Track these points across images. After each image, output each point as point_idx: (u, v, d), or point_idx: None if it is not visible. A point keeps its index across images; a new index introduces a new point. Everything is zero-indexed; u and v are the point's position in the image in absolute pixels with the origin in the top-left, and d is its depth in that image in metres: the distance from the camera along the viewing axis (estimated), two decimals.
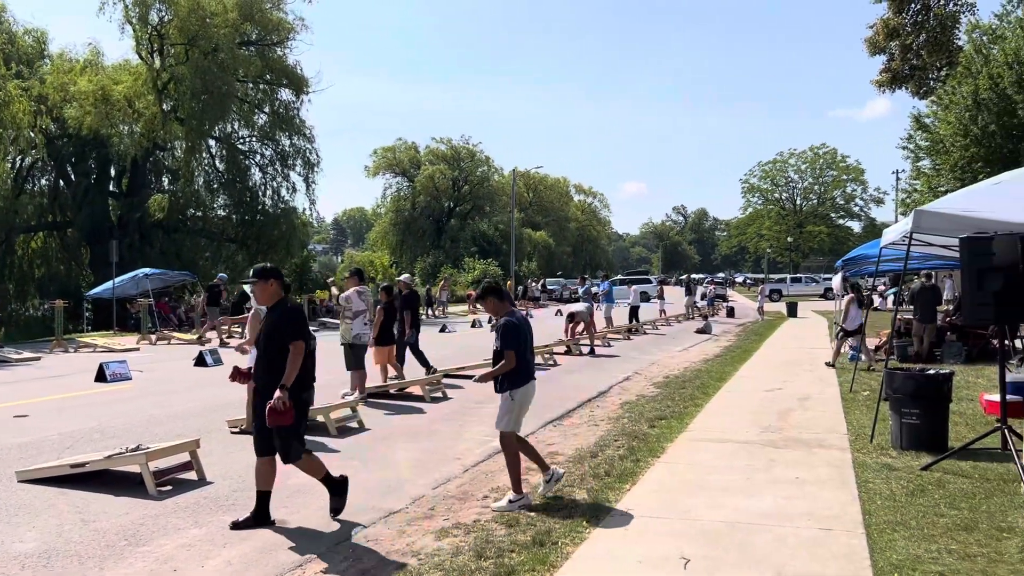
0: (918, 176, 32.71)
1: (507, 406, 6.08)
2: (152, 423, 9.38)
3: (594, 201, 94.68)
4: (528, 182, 74.69)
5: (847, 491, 6.11)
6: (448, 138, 67.24)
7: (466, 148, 66.66)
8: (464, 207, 66.50)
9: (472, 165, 66.60)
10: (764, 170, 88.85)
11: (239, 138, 36.39)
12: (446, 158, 65.93)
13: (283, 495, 6.37)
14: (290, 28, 34.55)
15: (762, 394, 11.24)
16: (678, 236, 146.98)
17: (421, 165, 65.11)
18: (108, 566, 4.83)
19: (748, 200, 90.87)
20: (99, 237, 30.89)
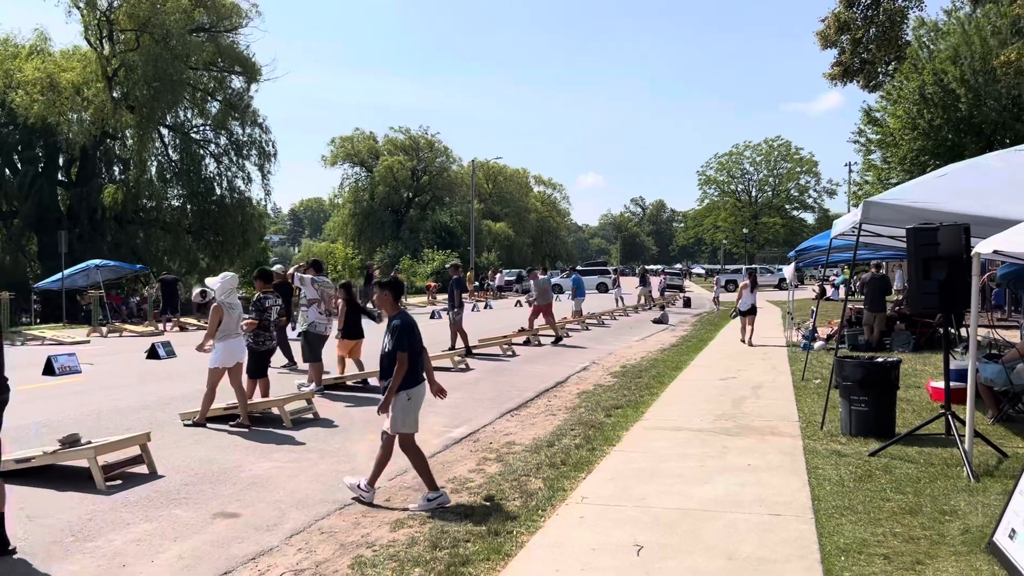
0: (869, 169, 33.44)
1: (404, 407, 5.77)
2: (102, 417, 9.19)
3: (554, 192, 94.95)
4: (487, 173, 74.56)
5: (797, 477, 6.23)
6: (407, 128, 66.95)
7: (425, 138, 66.38)
8: (423, 198, 66.23)
9: (431, 155, 66.33)
10: (720, 162, 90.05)
11: (192, 127, 35.80)
12: (405, 148, 65.55)
13: (237, 488, 6.31)
14: (243, 14, 34.12)
15: (716, 383, 11.40)
16: (636, 227, 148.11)
17: (380, 155, 64.66)
18: (55, 563, 4.73)
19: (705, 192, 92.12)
20: (47, 227, 30.14)
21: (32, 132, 30.84)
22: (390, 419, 5.80)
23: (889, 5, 16.38)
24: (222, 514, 5.66)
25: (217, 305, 8.71)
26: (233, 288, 9.05)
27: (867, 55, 16.87)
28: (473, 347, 15.81)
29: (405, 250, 57.72)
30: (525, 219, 78.55)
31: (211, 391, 8.68)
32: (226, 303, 8.75)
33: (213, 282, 9.04)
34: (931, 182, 8.39)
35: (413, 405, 5.87)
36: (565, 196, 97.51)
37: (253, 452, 7.54)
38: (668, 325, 23.43)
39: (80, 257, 27.23)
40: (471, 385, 11.90)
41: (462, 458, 7.30)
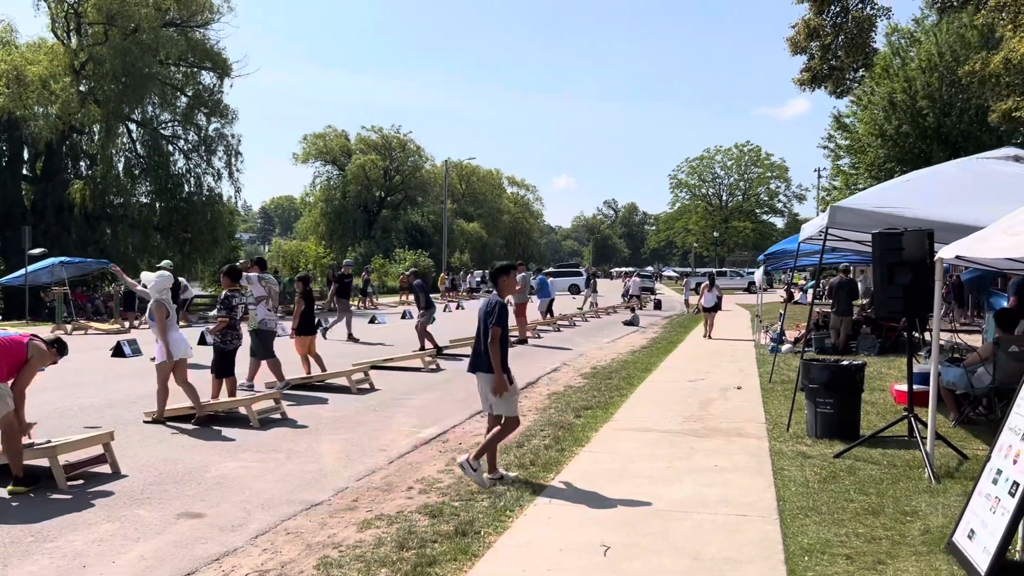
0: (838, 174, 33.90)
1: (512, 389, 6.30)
2: (64, 415, 9.03)
3: (527, 194, 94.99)
4: (461, 173, 74.39)
5: (763, 478, 6.29)
6: (379, 127, 66.57)
7: (397, 137, 66.05)
8: (396, 197, 65.92)
9: (404, 155, 66.03)
10: (691, 166, 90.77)
11: (160, 122, 35.32)
12: (377, 147, 65.18)
13: (202, 488, 6.24)
14: (215, 10, 33.72)
15: (685, 384, 11.48)
16: (609, 230, 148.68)
17: (352, 154, 64.22)
18: (12, 563, 4.64)
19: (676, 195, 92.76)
20: (11, 223, 29.56)
21: None
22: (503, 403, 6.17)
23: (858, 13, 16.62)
24: (186, 514, 5.58)
25: (160, 302, 8.71)
26: (167, 286, 9.04)
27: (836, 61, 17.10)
28: (444, 347, 15.78)
29: (377, 249, 57.39)
30: (498, 220, 78.51)
31: (163, 387, 8.61)
32: (165, 300, 8.76)
33: (148, 278, 9.05)
34: (896, 188, 8.54)
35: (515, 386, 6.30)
36: (538, 198, 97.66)
37: (219, 452, 7.46)
38: (639, 327, 23.55)
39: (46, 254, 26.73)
40: (442, 385, 11.87)
41: (431, 458, 7.28)
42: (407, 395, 10.90)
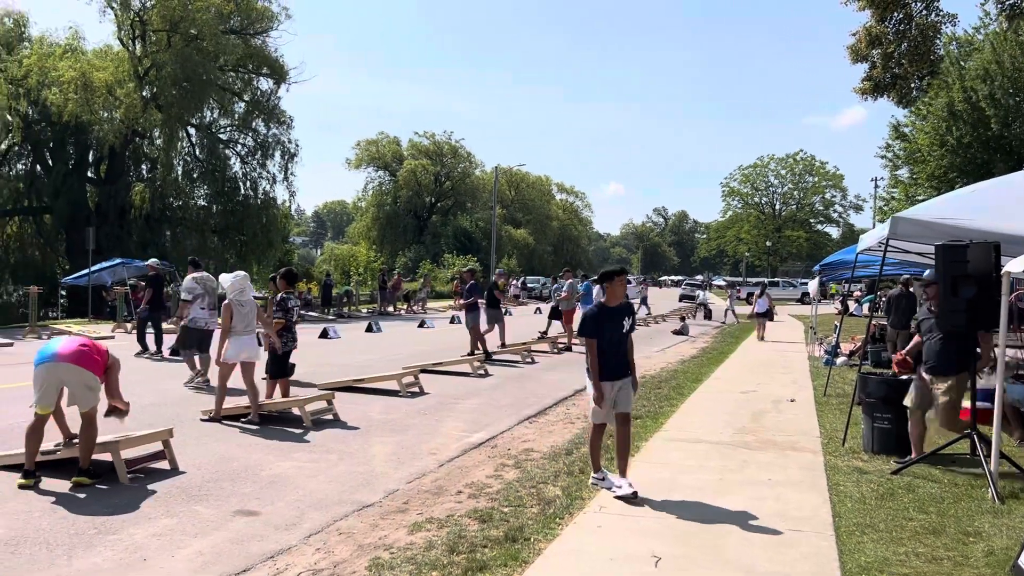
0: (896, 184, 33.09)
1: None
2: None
3: (576, 200, 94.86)
4: (510, 179, 74.65)
5: (818, 493, 6.17)
6: (431, 133, 67.21)
7: (449, 144, 66.61)
8: (446, 203, 66.43)
9: (454, 161, 66.55)
10: (744, 174, 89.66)
11: (219, 127, 36.12)
12: (428, 153, 65.80)
13: (257, 486, 6.35)
14: (273, 17, 34.37)
15: (736, 395, 11.32)
16: (658, 237, 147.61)
17: (403, 159, 64.95)
18: (77, 554, 4.78)
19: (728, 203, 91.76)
20: (76, 224, 30.52)
21: (64, 130, 31.28)
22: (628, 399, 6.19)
23: (922, 20, 16.24)
24: (242, 512, 5.70)
25: (227, 303, 8.88)
26: (244, 287, 9.19)
27: (899, 70, 16.73)
28: (493, 353, 15.83)
29: (426, 254, 57.89)
30: (546, 226, 78.54)
31: (223, 386, 8.79)
32: (236, 301, 8.91)
33: (225, 279, 9.21)
34: (961, 199, 8.31)
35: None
36: (587, 204, 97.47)
37: (273, 451, 7.59)
38: (688, 336, 23.31)
39: (107, 254, 27.57)
40: (490, 391, 11.90)
41: (480, 463, 7.30)
42: (456, 399, 10.96)
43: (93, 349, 6.38)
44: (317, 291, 33.93)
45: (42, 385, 6.17)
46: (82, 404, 6.21)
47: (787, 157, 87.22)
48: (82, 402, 6.21)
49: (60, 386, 6.24)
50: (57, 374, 6.16)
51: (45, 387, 6.18)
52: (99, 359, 6.37)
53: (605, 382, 6.04)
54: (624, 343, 6.16)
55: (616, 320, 6.09)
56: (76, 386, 6.20)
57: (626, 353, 6.19)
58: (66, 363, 6.15)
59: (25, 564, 4.61)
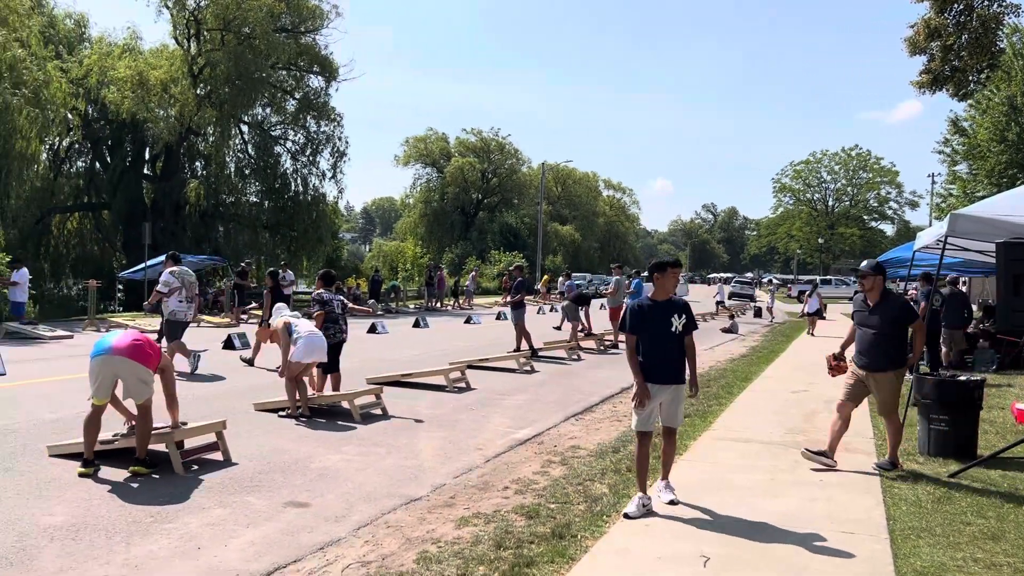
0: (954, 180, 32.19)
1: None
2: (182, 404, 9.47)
3: (623, 197, 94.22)
4: (557, 176, 74.46)
5: (871, 496, 6.04)
6: (478, 129, 67.30)
7: (496, 140, 66.66)
8: (492, 199, 66.52)
9: (501, 157, 66.59)
10: (796, 170, 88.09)
11: (270, 124, 36.69)
12: (476, 150, 65.96)
13: (307, 478, 6.46)
14: (323, 15, 34.75)
15: (787, 395, 11.15)
16: (707, 234, 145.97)
17: (451, 156, 65.20)
18: (135, 541, 4.91)
19: (779, 200, 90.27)
20: (133, 220, 31.34)
21: (122, 128, 32.13)
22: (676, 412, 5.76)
23: (983, 11, 15.75)
24: (292, 503, 5.79)
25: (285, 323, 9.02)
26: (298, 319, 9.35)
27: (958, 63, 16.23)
28: (539, 350, 15.83)
29: (473, 251, 58.07)
30: (593, 223, 78.17)
31: (298, 381, 8.90)
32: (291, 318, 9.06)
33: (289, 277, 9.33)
34: (1022, 196, 8.05)
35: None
36: (635, 201, 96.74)
37: (323, 444, 7.71)
38: (738, 335, 23.02)
39: (163, 249, 28.18)
40: (536, 387, 11.91)
41: (526, 460, 7.31)
42: (502, 395, 10.99)
43: (146, 343, 6.55)
44: (366, 287, 34.33)
45: (98, 377, 6.36)
46: (136, 396, 6.39)
47: (841, 152, 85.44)
48: (136, 394, 6.39)
49: (115, 378, 6.42)
50: (112, 367, 6.34)
51: (101, 379, 6.36)
52: (152, 353, 6.54)
53: (649, 384, 5.55)
54: (672, 344, 5.57)
55: (662, 317, 5.55)
56: (130, 379, 6.38)
57: (677, 357, 5.60)
58: (120, 356, 6.32)
59: (85, 550, 4.75)
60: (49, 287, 31.94)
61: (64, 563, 4.52)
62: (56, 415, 8.56)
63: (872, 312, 6.73)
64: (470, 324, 24.74)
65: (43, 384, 10.83)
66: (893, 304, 6.74)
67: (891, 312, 6.66)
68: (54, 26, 31.77)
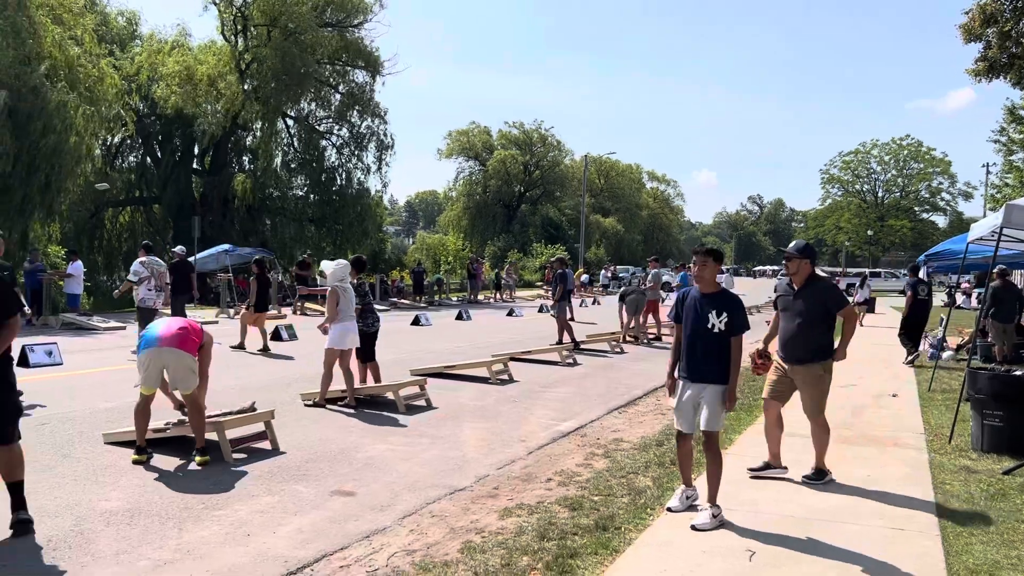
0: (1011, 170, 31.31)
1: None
2: (229, 393, 9.68)
3: (667, 188, 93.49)
4: (600, 168, 74.13)
5: (922, 491, 5.93)
6: (520, 122, 67.22)
7: (538, 132, 66.53)
8: (534, 192, 66.46)
9: (544, 150, 66.44)
10: (845, 161, 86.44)
11: (316, 119, 37.08)
12: (518, 142, 65.93)
13: (353, 468, 6.55)
14: (368, 9, 34.96)
15: (835, 389, 10.86)
16: (753, 226, 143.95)
17: (493, 149, 65.25)
18: (187, 527, 5.04)
19: (828, 191, 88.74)
20: (183, 213, 31.96)
21: (172, 123, 32.79)
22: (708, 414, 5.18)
23: None
24: (339, 492, 5.88)
25: (333, 288, 9.07)
26: (346, 275, 9.38)
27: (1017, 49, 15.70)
28: (581, 342, 15.80)
29: (515, 243, 58.10)
30: (636, 215, 77.69)
31: (328, 372, 9.04)
32: (340, 287, 9.10)
33: (327, 266, 9.41)
34: None
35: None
36: (679, 193, 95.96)
37: (369, 434, 7.80)
38: None
39: (211, 242, 28.77)
40: (579, 380, 11.89)
41: (569, 452, 7.31)
42: (545, 388, 11.00)
43: (191, 330, 6.67)
44: (409, 279, 34.60)
45: (146, 368, 6.46)
46: (183, 386, 6.51)
47: (891, 142, 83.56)
48: (183, 384, 6.51)
49: (162, 368, 6.51)
50: (160, 358, 6.45)
51: (149, 370, 6.46)
52: (196, 340, 6.66)
53: (679, 378, 5.33)
54: (705, 340, 5.19)
55: (700, 311, 5.22)
56: (177, 369, 6.49)
57: (715, 355, 5.16)
58: (168, 347, 6.44)
59: (140, 534, 4.88)
60: (102, 279, 32.70)
61: (120, 547, 4.66)
62: (111, 404, 8.80)
63: (796, 297, 6.12)
64: (512, 317, 24.79)
65: (98, 374, 11.14)
66: (819, 289, 6.07)
67: (817, 297, 5.99)
68: (107, 24, 32.47)
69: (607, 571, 4.36)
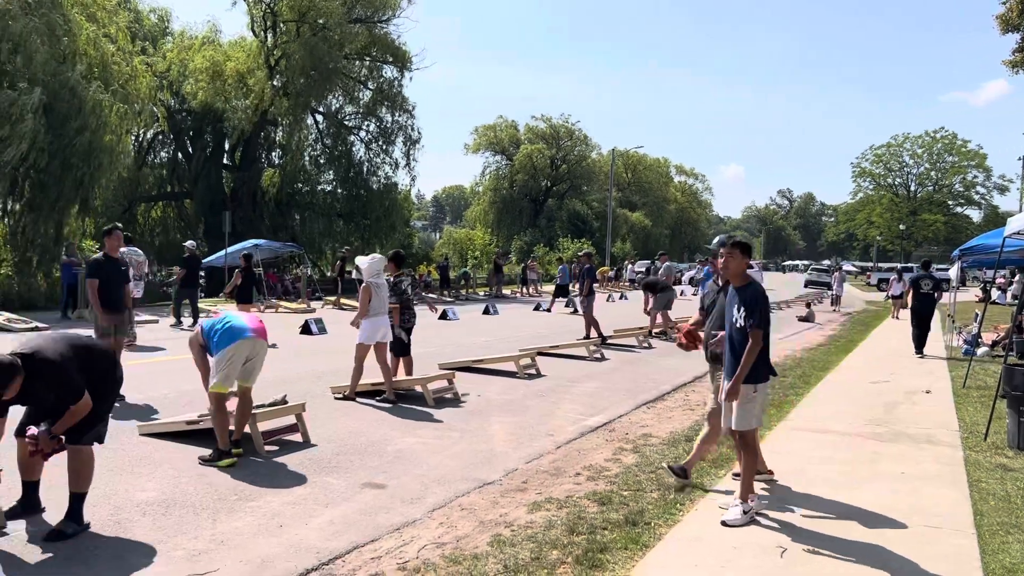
0: None
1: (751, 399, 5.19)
2: (260, 386, 9.74)
3: (695, 182, 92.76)
4: (627, 162, 73.74)
5: (957, 489, 5.85)
6: (547, 116, 66.98)
7: (565, 127, 66.28)
8: (561, 186, 66.27)
9: (571, 144, 66.20)
10: (877, 154, 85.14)
11: (344, 114, 37.27)
12: (545, 136, 65.75)
13: (383, 460, 6.60)
14: (396, 4, 35.02)
15: (867, 386, 10.85)
16: (782, 221, 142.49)
17: (520, 143, 65.14)
18: (221, 518, 5.11)
19: (859, 185, 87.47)
20: (214, 208, 32.31)
21: (202, 119, 33.14)
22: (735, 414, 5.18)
23: None
24: (370, 484, 5.93)
25: (366, 284, 9.11)
26: (380, 270, 9.41)
27: None
28: (608, 337, 15.76)
29: (541, 238, 57.95)
30: (664, 209, 77.24)
31: (359, 366, 9.09)
32: (374, 283, 9.13)
33: (362, 261, 9.44)
34: None
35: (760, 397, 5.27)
36: (708, 187, 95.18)
37: (398, 427, 7.85)
38: (815, 324, 22.47)
39: (241, 237, 29.07)
40: (606, 375, 11.87)
41: (598, 447, 7.31)
42: (572, 382, 10.99)
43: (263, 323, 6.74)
44: (436, 274, 34.73)
45: (230, 360, 6.31)
46: (252, 379, 6.58)
47: (925, 135, 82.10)
48: (253, 377, 6.58)
49: (247, 360, 6.45)
50: (254, 348, 6.46)
51: (234, 362, 6.34)
52: None
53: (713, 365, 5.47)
54: (733, 333, 5.19)
55: (729, 304, 5.28)
56: (259, 360, 6.57)
57: (736, 350, 5.14)
58: (261, 339, 6.50)
59: (175, 524, 4.96)
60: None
61: (156, 536, 4.74)
62: (145, 396, 8.93)
63: (720, 292, 5.82)
64: (539, 312, 24.78)
65: (132, 367, 11.26)
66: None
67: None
68: (139, 21, 32.86)
69: (637, 565, 4.36)
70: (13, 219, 22.56)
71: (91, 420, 4.72)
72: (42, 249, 21.65)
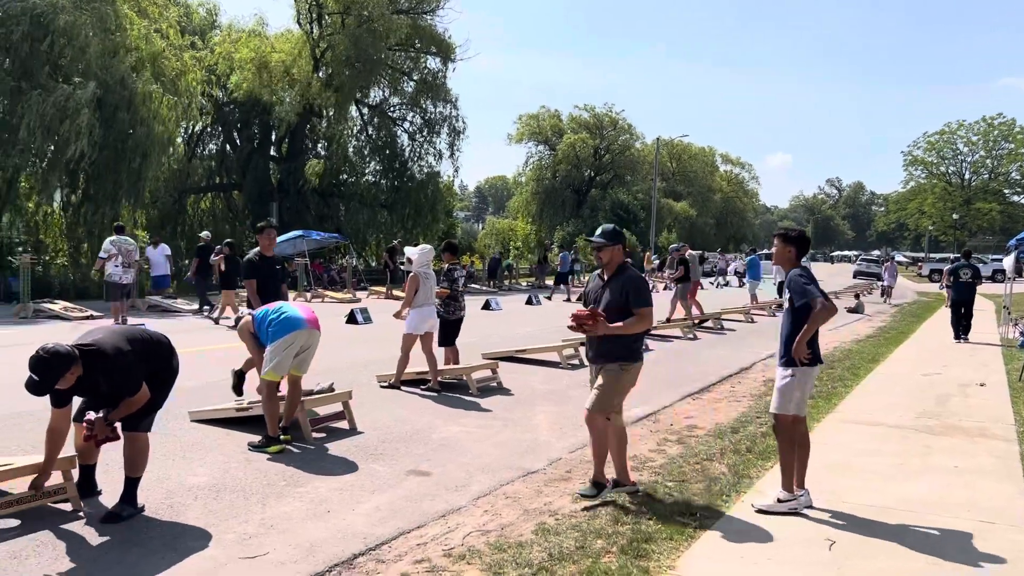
0: None
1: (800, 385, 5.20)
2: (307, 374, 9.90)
3: (741, 172, 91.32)
4: (672, 151, 72.96)
5: (1013, 484, 5.71)
6: (591, 106, 66.48)
7: (609, 116, 65.73)
8: (605, 176, 65.81)
9: (614, 133, 65.65)
10: (929, 142, 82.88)
11: (389, 105, 37.47)
12: (588, 126, 65.30)
13: (428, 448, 6.66)
14: None
15: (918, 378, 10.62)
16: (831, 210, 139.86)
17: (563, 133, 64.79)
18: (270, 503, 5.21)
19: (911, 174, 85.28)
20: (261, 199, 32.80)
21: (249, 110, 33.61)
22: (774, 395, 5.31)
23: None
24: (415, 472, 5.99)
25: (414, 275, 9.16)
26: (429, 260, 9.46)
27: None
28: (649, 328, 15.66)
29: (584, 228, 57.63)
30: (709, 199, 76.28)
31: (405, 355, 9.17)
32: (422, 273, 9.18)
33: (412, 252, 9.49)
34: None
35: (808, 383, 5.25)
36: (754, 176, 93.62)
37: (442, 416, 7.91)
38: (864, 315, 22.05)
39: (288, 227, 29.45)
40: (650, 366, 11.70)
41: (642, 437, 7.28)
42: None
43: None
44: (480, 264, 34.87)
45: (286, 349, 6.39)
46: (305, 367, 6.69)
47: (981, 121, 79.64)
48: (306, 366, 6.69)
49: (300, 350, 6.52)
50: (309, 338, 6.56)
51: (289, 351, 6.42)
52: None
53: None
54: (784, 319, 5.26)
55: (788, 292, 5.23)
56: (313, 350, 6.67)
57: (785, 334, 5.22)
58: (315, 329, 6.59)
59: (226, 509, 5.07)
60: (185, 263, 33.89)
61: (208, 520, 4.85)
62: (196, 383, 9.10)
63: (604, 288, 5.49)
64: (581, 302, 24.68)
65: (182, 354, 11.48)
66: (625, 280, 5.38)
67: (622, 288, 5.32)
68: (189, 16, 33.38)
69: (683, 556, 4.34)
70: (72, 211, 23.19)
71: (148, 409, 4.85)
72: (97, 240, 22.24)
